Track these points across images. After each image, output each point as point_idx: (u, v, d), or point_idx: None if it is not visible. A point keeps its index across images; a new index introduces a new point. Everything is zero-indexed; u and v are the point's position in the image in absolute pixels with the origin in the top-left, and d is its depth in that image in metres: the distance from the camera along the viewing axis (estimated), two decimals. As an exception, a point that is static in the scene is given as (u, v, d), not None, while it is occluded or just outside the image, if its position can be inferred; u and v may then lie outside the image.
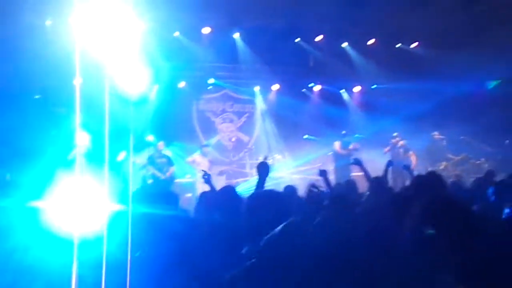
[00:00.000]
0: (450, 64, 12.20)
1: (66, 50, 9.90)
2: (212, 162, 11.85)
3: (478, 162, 12.86)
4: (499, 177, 10.38)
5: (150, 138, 12.41)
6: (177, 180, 11.72)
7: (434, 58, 13.16)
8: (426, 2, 12.22)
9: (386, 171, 6.01)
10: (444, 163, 12.33)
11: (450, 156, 12.60)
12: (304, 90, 15.07)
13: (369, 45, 14.54)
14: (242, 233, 2.65)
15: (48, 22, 10.70)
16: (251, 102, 15.12)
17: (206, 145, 12.19)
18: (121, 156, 11.56)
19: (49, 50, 9.72)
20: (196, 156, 11.89)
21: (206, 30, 12.83)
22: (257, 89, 14.86)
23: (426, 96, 13.17)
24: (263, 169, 4.15)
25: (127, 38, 9.31)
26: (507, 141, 12.90)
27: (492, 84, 12.46)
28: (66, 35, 9.60)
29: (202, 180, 11.05)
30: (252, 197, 3.01)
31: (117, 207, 4.26)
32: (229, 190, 4.28)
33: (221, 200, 4.02)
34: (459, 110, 12.37)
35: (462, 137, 12.86)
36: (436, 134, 12.82)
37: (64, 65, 10.08)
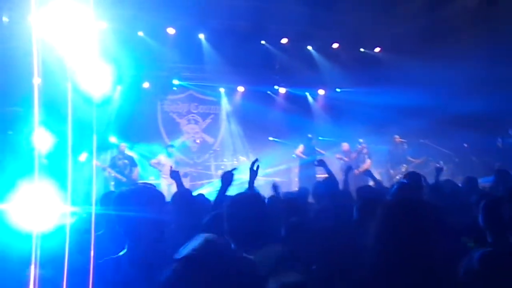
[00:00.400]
0: (409, 69, 12.50)
1: (25, 48, 9.65)
2: (178, 163, 11.72)
3: (437, 165, 13.21)
4: (457, 180, 10.76)
5: (113, 139, 12.21)
6: (140, 182, 11.55)
7: (395, 63, 13.46)
8: (388, 8, 12.51)
9: (346, 175, 6.03)
10: (405, 166, 12.62)
11: (411, 159, 12.89)
12: (269, 92, 15.13)
13: (334, 48, 14.75)
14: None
15: (5, 19, 10.31)
16: (217, 103, 15.07)
17: (171, 146, 12.08)
18: (83, 157, 11.33)
19: (5, 47, 9.40)
20: (161, 157, 11.76)
21: (171, 30, 12.70)
22: (222, 90, 14.84)
23: (388, 100, 13.44)
24: (226, 179, 4.11)
25: (89, 37, 9.13)
26: (466, 145, 13.32)
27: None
28: (24, 32, 9.34)
29: (167, 181, 10.99)
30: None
31: (80, 209, 4.18)
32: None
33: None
34: (418, 114, 12.67)
35: (422, 141, 13.19)
36: (397, 138, 13.09)
37: (22, 63, 9.82)
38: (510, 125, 12.80)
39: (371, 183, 6.91)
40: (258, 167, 4.31)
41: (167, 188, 11.16)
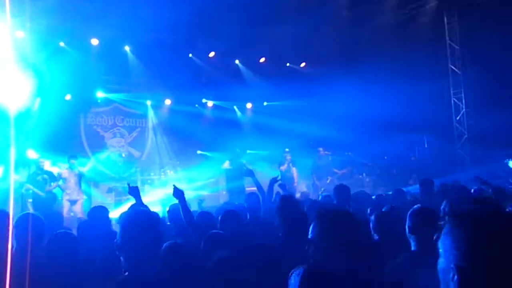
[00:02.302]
0: (333, 83, 12.98)
1: None
2: (80, 176, 10.92)
3: (361, 176, 13.80)
4: (379, 190, 11.27)
5: (32, 153, 11.58)
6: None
7: (319, 77, 13.93)
8: (313, 24, 12.96)
9: (271, 186, 6.01)
10: (329, 178, 13.01)
11: (335, 170, 13.32)
12: (197, 105, 15.08)
13: (261, 63, 15.01)
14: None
15: None
16: (143, 116, 14.79)
17: (73, 157, 10.99)
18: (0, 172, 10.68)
19: None
20: (64, 171, 10.84)
21: (94, 41, 12.32)
22: (149, 103, 14.58)
23: (314, 113, 13.88)
24: (180, 196, 4.20)
25: (4, 47, 8.67)
26: (386, 157, 14.00)
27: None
28: None
29: (69, 197, 10.35)
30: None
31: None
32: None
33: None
34: (343, 127, 13.16)
35: (346, 153, 13.69)
36: (321, 150, 13.48)
37: None
38: (425, 135, 13.73)
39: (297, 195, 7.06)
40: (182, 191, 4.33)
41: (68, 206, 10.58)
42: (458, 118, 14.19)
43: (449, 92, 14.32)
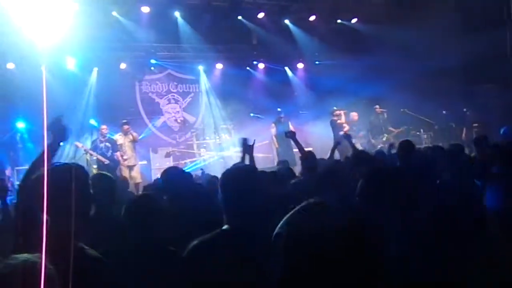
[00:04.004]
0: (387, 38, 12.55)
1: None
2: (134, 142, 11.41)
3: (418, 133, 13.44)
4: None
5: (93, 122, 12.07)
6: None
7: (373, 34, 13.48)
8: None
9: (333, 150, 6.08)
10: (385, 136, 12.78)
11: (391, 128, 13.05)
12: (248, 68, 15.05)
13: (311, 21, 14.68)
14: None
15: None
16: (196, 81, 14.95)
17: (126, 123, 11.42)
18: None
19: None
20: (117, 136, 11.29)
21: (145, 9, 12.45)
22: (201, 68, 14.70)
23: (367, 71, 13.51)
24: (248, 147, 4.27)
25: (62, 20, 8.93)
26: (444, 112, 13.51)
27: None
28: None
29: (127, 163, 10.80)
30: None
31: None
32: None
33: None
34: (399, 83, 12.77)
35: (402, 110, 13.32)
36: (377, 108, 13.22)
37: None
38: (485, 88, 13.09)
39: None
40: (254, 142, 4.40)
41: (127, 171, 11.02)
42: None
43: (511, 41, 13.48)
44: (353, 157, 5.07)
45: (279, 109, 12.55)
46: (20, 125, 11.06)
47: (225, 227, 2.19)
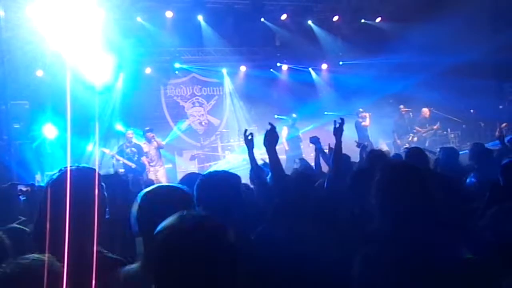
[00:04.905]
0: (411, 37, 12.36)
1: (23, 39, 9.63)
2: (159, 148, 11.49)
3: (445, 132, 13.21)
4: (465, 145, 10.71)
5: (119, 126, 12.25)
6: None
7: (398, 32, 13.31)
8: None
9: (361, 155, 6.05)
10: (411, 135, 12.59)
11: (417, 128, 12.84)
12: (271, 70, 15.04)
13: (334, 21, 14.59)
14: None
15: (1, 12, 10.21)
16: (220, 84, 15.03)
17: (150, 130, 11.47)
18: (90, 146, 11.42)
19: (2, 40, 9.37)
20: (143, 145, 11.34)
21: (169, 14, 12.60)
22: (224, 71, 14.77)
23: (392, 70, 13.35)
24: (249, 142, 4.15)
25: (88, 26, 9.11)
26: (472, 111, 13.24)
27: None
28: (22, 24, 9.32)
29: (154, 169, 10.90)
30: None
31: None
32: None
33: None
34: (424, 82, 12.57)
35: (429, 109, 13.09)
36: (402, 108, 13.04)
37: (20, 56, 9.82)
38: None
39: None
40: (252, 135, 4.27)
41: (155, 178, 11.07)
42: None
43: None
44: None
45: (294, 115, 12.46)
46: (49, 130, 11.30)
47: None
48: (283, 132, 12.33)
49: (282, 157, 12.82)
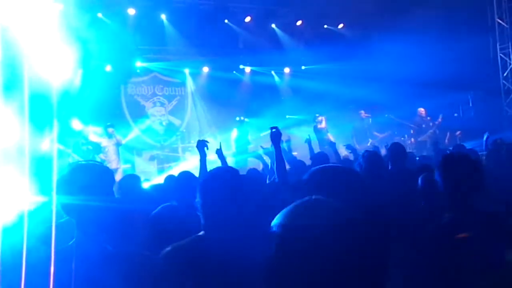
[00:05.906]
0: (372, 44, 12.63)
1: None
2: (118, 145, 11.36)
3: (403, 138, 13.54)
4: (423, 152, 11.01)
5: (76, 124, 11.93)
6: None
7: (359, 39, 13.57)
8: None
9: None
10: (370, 140, 12.84)
11: (376, 133, 13.12)
12: (234, 72, 15.03)
13: (298, 26, 14.73)
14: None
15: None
16: (182, 85, 14.89)
17: (111, 126, 11.38)
18: (46, 144, 11.03)
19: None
20: (102, 140, 11.26)
21: (131, 11, 12.39)
22: (187, 71, 14.64)
23: (353, 75, 13.59)
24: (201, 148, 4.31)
25: (45, 20, 8.83)
26: (429, 118, 13.61)
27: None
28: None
29: (111, 165, 10.69)
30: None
31: (40, 198, 4.07)
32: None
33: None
34: (383, 89, 12.85)
35: (387, 115, 13.41)
36: (362, 113, 13.28)
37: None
38: (469, 94, 13.23)
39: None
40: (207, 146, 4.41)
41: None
42: (505, 74, 13.60)
43: (496, 47, 13.69)
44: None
45: (244, 118, 12.57)
46: None
47: (201, 233, 2.15)
48: (233, 134, 12.38)
49: (229, 159, 12.93)
